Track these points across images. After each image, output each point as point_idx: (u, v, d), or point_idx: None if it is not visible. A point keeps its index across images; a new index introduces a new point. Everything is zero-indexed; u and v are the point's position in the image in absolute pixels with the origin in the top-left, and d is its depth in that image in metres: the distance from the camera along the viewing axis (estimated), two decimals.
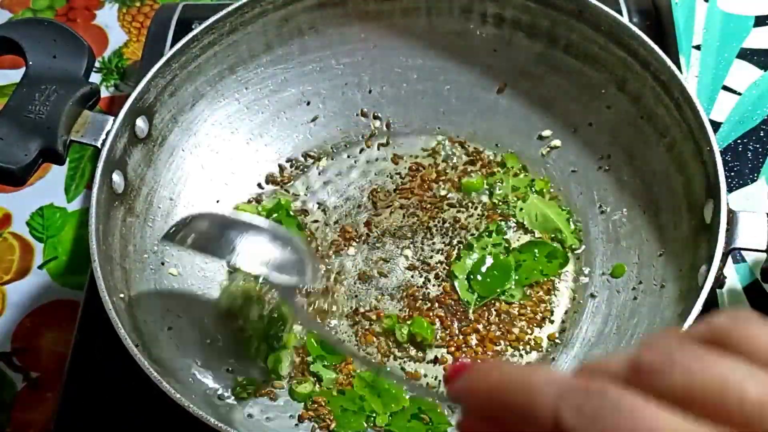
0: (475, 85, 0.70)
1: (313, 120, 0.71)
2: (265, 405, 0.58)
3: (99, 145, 0.57)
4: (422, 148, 0.70)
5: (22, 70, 0.59)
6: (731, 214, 0.51)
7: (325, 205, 0.68)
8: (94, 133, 0.58)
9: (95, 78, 0.85)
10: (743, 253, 0.61)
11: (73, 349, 0.64)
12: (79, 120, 0.58)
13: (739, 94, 0.68)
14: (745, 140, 0.66)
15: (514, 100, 0.69)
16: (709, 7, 0.73)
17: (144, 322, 0.56)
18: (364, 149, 0.71)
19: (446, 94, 0.70)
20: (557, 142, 0.68)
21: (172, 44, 0.65)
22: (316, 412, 0.57)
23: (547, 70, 0.67)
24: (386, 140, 0.71)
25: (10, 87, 0.82)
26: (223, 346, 0.61)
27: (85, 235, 0.55)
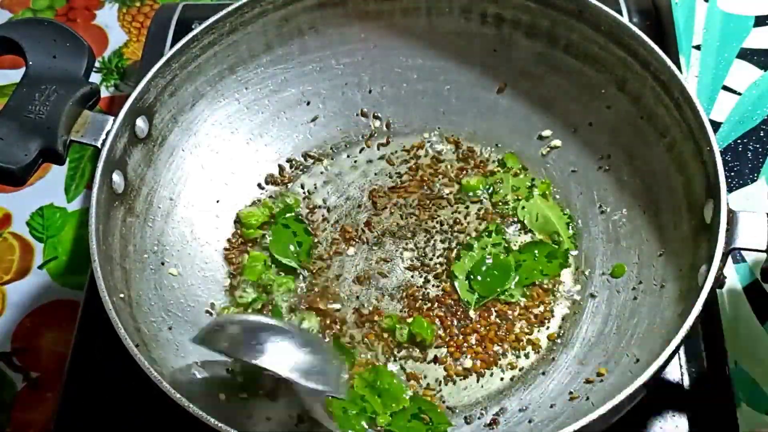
0: (475, 85, 0.70)
1: (313, 120, 0.71)
2: (265, 405, 0.58)
3: (99, 145, 0.57)
4: (416, 146, 0.70)
5: (22, 70, 0.59)
6: (731, 214, 0.51)
7: (325, 205, 0.68)
8: (94, 133, 0.58)
9: (95, 78, 0.85)
10: (743, 253, 0.61)
11: (73, 349, 0.64)
12: (79, 120, 0.58)
13: (739, 94, 0.68)
14: (745, 140, 0.66)
15: (514, 100, 0.69)
16: (709, 7, 0.73)
17: (144, 322, 0.56)
18: (364, 149, 0.71)
19: (446, 94, 0.70)
20: (557, 142, 0.68)
21: (172, 44, 0.65)
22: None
23: (547, 70, 0.67)
24: (386, 140, 0.71)
25: (10, 87, 0.82)
26: None
27: (85, 235, 0.55)
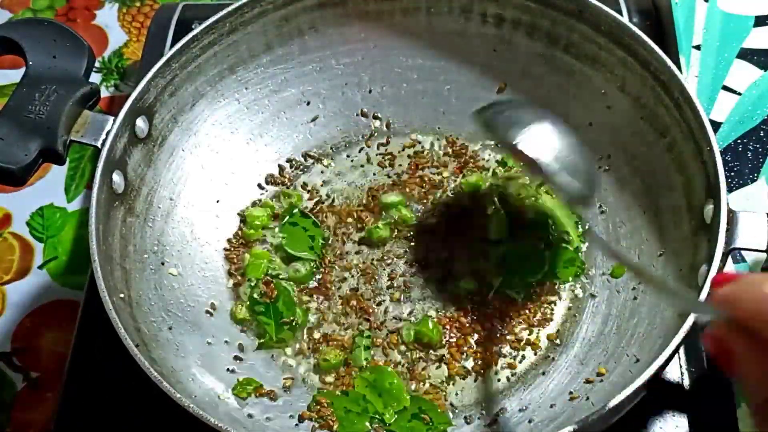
0: (475, 85, 0.70)
1: (313, 120, 0.71)
2: (265, 405, 0.58)
3: (99, 145, 0.57)
4: (416, 146, 0.70)
5: (22, 70, 0.59)
6: (731, 214, 0.51)
7: (326, 205, 0.68)
8: (94, 133, 0.58)
9: (95, 78, 0.85)
10: (743, 253, 0.61)
11: (73, 349, 0.64)
12: (79, 120, 0.58)
13: (739, 94, 0.69)
14: (745, 140, 0.66)
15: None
16: (709, 7, 0.73)
17: (144, 322, 0.56)
18: (364, 149, 0.71)
19: (446, 94, 0.70)
20: None
21: (172, 44, 0.65)
22: (319, 413, 0.57)
23: (547, 70, 0.67)
24: (386, 140, 0.71)
25: (10, 87, 0.82)
26: (224, 346, 0.61)
27: (85, 235, 0.55)
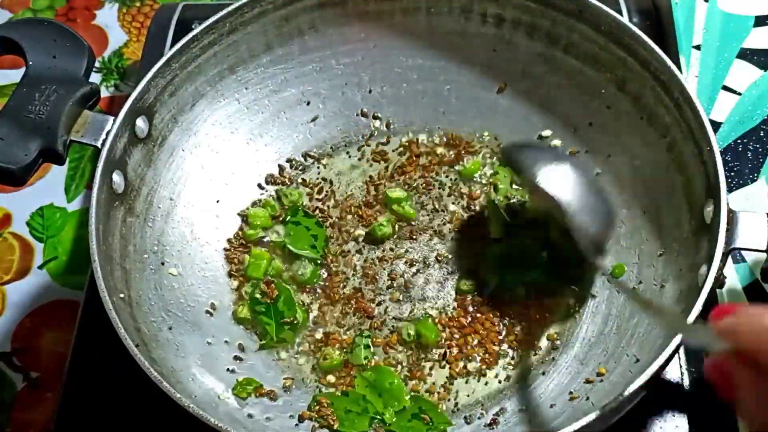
0: (475, 85, 0.70)
1: (313, 120, 0.71)
2: (265, 405, 0.58)
3: (99, 145, 0.57)
4: (416, 146, 0.70)
5: (22, 70, 0.59)
6: (731, 214, 0.51)
7: (326, 205, 0.68)
8: (94, 133, 0.58)
9: (95, 78, 0.85)
10: (743, 253, 0.61)
11: (73, 349, 0.64)
12: (79, 120, 0.58)
13: (739, 94, 0.69)
14: (745, 140, 0.66)
15: (514, 100, 0.69)
16: (709, 7, 0.73)
17: (144, 322, 0.56)
18: (365, 149, 0.71)
19: (446, 94, 0.70)
20: (557, 142, 0.68)
21: (172, 44, 0.65)
22: (319, 413, 0.57)
23: (547, 70, 0.67)
24: (386, 140, 0.71)
25: (10, 87, 0.82)
26: (224, 346, 0.61)
27: (85, 235, 0.55)
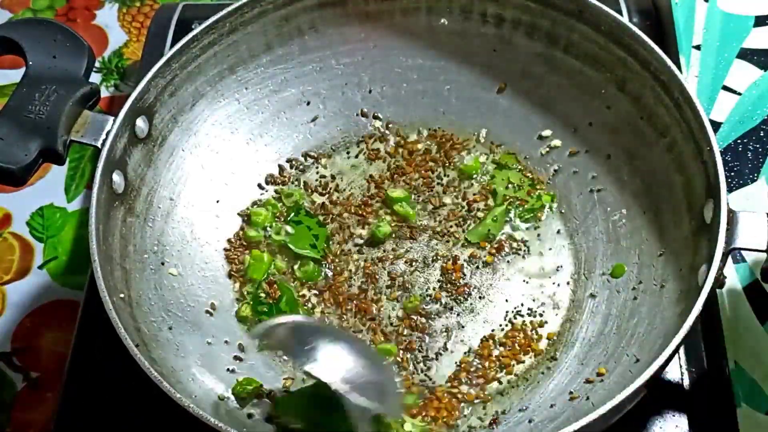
0: (475, 85, 0.70)
1: (313, 120, 0.71)
2: (266, 405, 0.58)
3: (99, 145, 0.57)
4: (416, 146, 0.70)
5: (22, 70, 0.59)
6: (731, 214, 0.51)
7: (326, 205, 0.68)
8: (94, 133, 0.58)
9: (95, 78, 0.85)
10: (743, 253, 0.61)
11: (73, 349, 0.64)
12: (79, 120, 0.58)
13: (739, 94, 0.68)
14: (745, 140, 0.66)
15: (514, 100, 0.69)
16: (709, 7, 0.73)
17: (144, 322, 0.56)
18: (364, 149, 0.71)
19: (446, 94, 0.70)
20: (557, 142, 0.68)
21: (172, 44, 0.65)
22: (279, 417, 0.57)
23: (547, 70, 0.67)
24: (386, 140, 0.71)
25: (10, 87, 0.82)
26: (224, 346, 0.61)
27: (85, 235, 0.55)
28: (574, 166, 0.67)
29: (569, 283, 0.63)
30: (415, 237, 0.66)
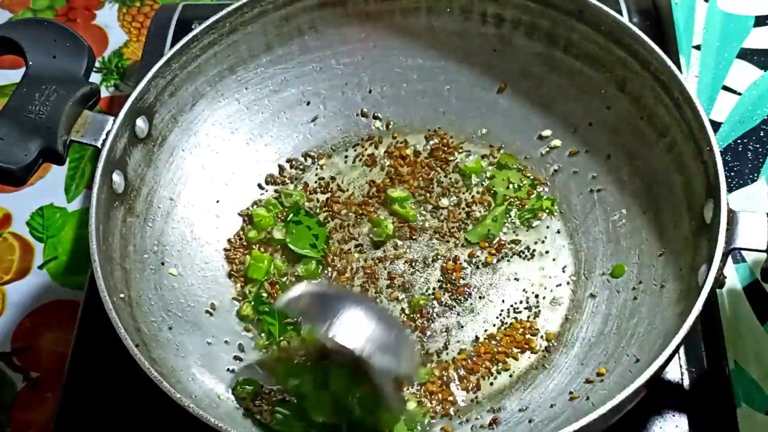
0: (475, 85, 0.70)
1: (313, 120, 0.71)
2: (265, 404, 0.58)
3: (99, 145, 0.57)
4: (416, 146, 0.70)
5: (22, 70, 0.59)
6: (731, 214, 0.51)
7: (326, 205, 0.68)
8: (94, 133, 0.58)
9: (95, 78, 0.85)
10: (743, 253, 0.61)
11: (73, 349, 0.64)
12: (79, 120, 0.58)
13: (739, 94, 0.68)
14: (745, 140, 0.66)
15: (514, 100, 0.69)
16: (709, 7, 0.73)
17: (144, 322, 0.56)
18: (364, 149, 0.71)
19: (446, 94, 0.70)
20: (557, 142, 0.68)
21: (172, 44, 0.65)
22: (258, 408, 0.57)
23: (547, 70, 0.67)
24: (385, 140, 0.71)
25: (10, 87, 0.82)
26: (224, 346, 0.61)
27: (85, 235, 0.55)
28: (574, 166, 0.67)
29: (569, 283, 0.63)
30: (415, 237, 0.66)
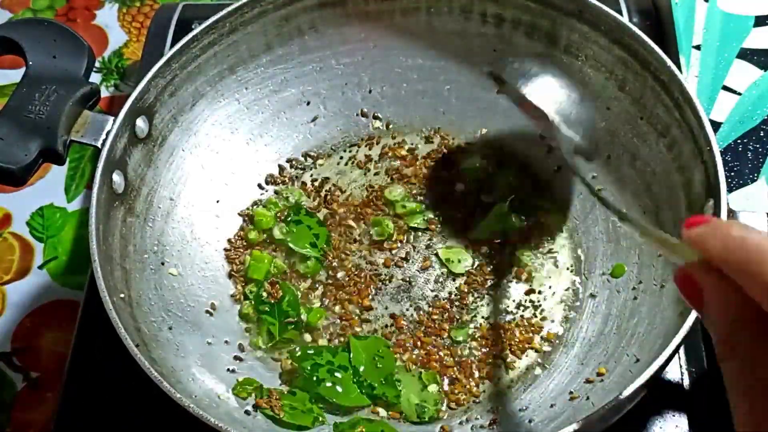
0: (475, 85, 0.70)
1: (313, 120, 0.71)
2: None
3: (99, 145, 0.57)
4: (416, 145, 0.70)
5: (22, 70, 0.59)
6: (731, 214, 0.51)
7: (326, 205, 0.68)
8: (94, 133, 0.58)
9: (95, 78, 0.85)
10: None
11: (73, 349, 0.64)
12: (79, 120, 0.58)
13: (739, 94, 0.69)
14: (745, 140, 0.66)
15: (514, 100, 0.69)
16: (709, 7, 0.73)
17: (144, 322, 0.56)
18: (365, 149, 0.71)
19: (446, 94, 0.70)
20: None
21: (172, 44, 0.65)
22: (269, 403, 0.57)
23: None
24: (386, 140, 0.71)
25: (10, 87, 0.82)
26: (224, 346, 0.61)
27: (85, 235, 0.55)
28: None
29: (569, 283, 0.63)
30: (415, 236, 0.66)
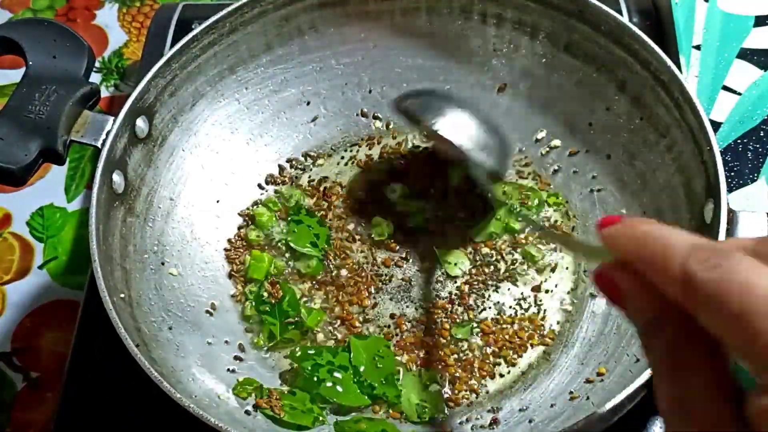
0: (475, 85, 0.70)
1: (313, 120, 0.71)
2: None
3: (99, 145, 0.57)
4: (416, 145, 0.70)
5: (22, 70, 0.59)
6: (731, 214, 0.51)
7: (326, 205, 0.68)
8: (94, 133, 0.58)
9: (95, 78, 0.85)
10: None
11: (73, 349, 0.64)
12: (79, 120, 0.58)
13: (739, 94, 0.69)
14: (745, 140, 0.66)
15: (514, 100, 0.69)
16: (709, 7, 0.73)
17: (144, 322, 0.56)
18: (365, 149, 0.71)
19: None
20: (557, 142, 0.68)
21: (172, 44, 0.65)
22: (269, 403, 0.57)
23: (548, 70, 0.67)
24: (386, 140, 0.71)
25: (10, 87, 0.82)
26: (224, 346, 0.61)
27: (85, 235, 0.55)
28: (574, 166, 0.67)
29: (569, 283, 0.63)
30: (415, 236, 0.66)
